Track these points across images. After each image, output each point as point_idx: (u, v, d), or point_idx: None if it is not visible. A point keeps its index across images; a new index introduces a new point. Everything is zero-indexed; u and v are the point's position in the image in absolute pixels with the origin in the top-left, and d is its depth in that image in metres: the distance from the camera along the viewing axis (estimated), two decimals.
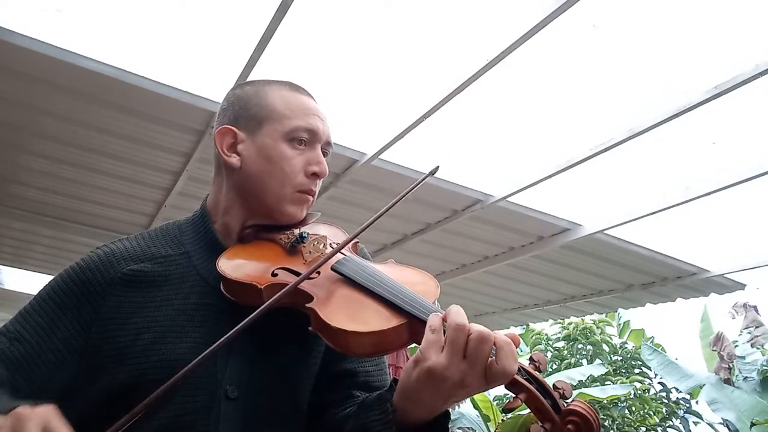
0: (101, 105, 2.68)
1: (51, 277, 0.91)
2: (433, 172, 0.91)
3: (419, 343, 0.76)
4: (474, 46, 2.35)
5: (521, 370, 0.70)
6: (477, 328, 0.70)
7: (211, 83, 2.61)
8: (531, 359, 0.73)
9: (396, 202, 0.89)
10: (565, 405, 0.69)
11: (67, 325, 0.84)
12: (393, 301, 0.76)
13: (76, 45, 2.38)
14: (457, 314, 0.71)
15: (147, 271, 0.89)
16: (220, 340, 0.73)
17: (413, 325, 0.74)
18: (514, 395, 0.71)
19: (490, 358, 0.69)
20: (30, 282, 5.71)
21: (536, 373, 0.71)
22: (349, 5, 2.32)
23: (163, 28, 2.37)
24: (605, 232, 3.61)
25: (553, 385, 0.70)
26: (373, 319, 0.75)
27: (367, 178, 3.21)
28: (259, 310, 0.75)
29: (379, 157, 3.02)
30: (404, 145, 2.92)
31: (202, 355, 0.72)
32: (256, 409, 0.84)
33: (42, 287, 0.89)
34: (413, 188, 0.89)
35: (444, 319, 0.71)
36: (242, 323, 0.74)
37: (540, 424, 0.69)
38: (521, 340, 0.75)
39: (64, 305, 0.85)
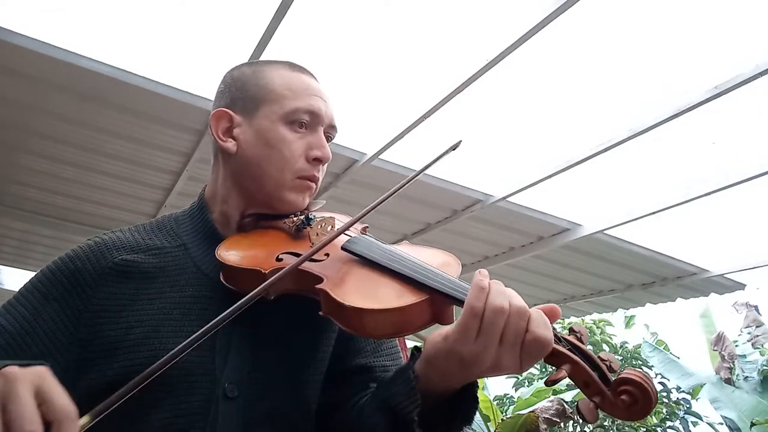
0: (101, 105, 2.68)
1: None
2: (455, 147, 0.86)
3: (442, 322, 0.70)
4: (474, 46, 2.35)
5: (562, 339, 0.65)
6: (515, 305, 0.65)
7: (211, 83, 2.59)
8: (571, 329, 0.67)
9: (415, 177, 0.86)
10: (614, 376, 0.63)
11: (53, 317, 0.78)
12: (412, 276, 0.69)
13: (76, 45, 2.37)
14: (500, 294, 0.65)
15: (140, 262, 0.83)
16: (216, 319, 0.66)
17: (436, 301, 0.68)
18: (556, 367, 0.64)
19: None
20: None
21: (579, 344, 0.65)
22: (349, 5, 2.32)
23: (163, 28, 2.37)
24: (605, 232, 3.61)
25: (599, 356, 0.64)
26: (390, 296, 0.68)
27: (367, 178, 3.21)
28: (260, 287, 0.68)
29: (379, 157, 3.02)
30: (404, 145, 2.92)
31: (195, 335, 0.64)
32: (257, 409, 0.78)
33: (30, 278, 0.83)
34: (435, 161, 0.86)
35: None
36: (241, 301, 0.67)
37: (588, 398, 0.63)
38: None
39: (50, 296, 0.80)
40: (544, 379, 0.66)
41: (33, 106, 2.70)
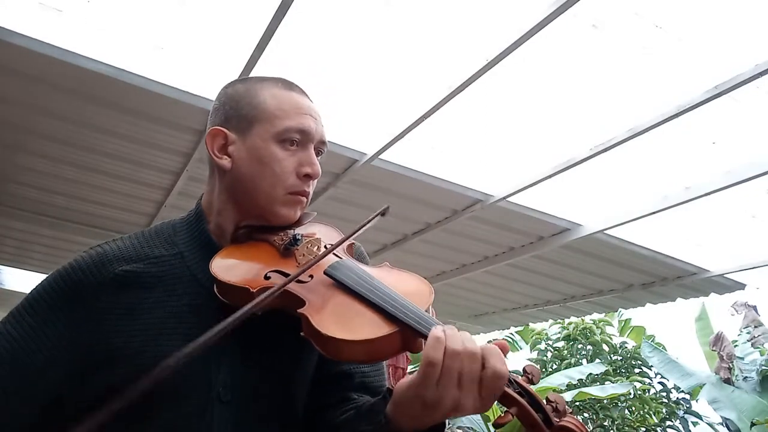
0: (101, 105, 2.68)
1: None
2: (383, 213, 0.93)
3: (411, 351, 0.76)
4: (474, 46, 2.34)
5: (513, 382, 0.70)
6: (468, 348, 0.69)
7: (211, 83, 2.61)
8: (524, 371, 0.72)
9: (354, 233, 0.90)
10: (558, 420, 0.68)
11: (57, 325, 0.82)
12: (385, 309, 0.75)
13: (76, 45, 2.37)
14: (454, 340, 0.70)
15: (139, 272, 0.87)
16: (207, 334, 0.68)
17: (405, 334, 0.74)
18: (506, 409, 0.70)
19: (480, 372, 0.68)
20: (30, 282, 5.71)
21: (528, 386, 0.70)
22: (349, 5, 2.31)
23: (163, 27, 2.37)
24: (605, 232, 3.61)
25: (546, 398, 0.70)
26: (364, 327, 0.74)
27: (367, 178, 3.21)
28: (244, 308, 0.72)
29: (379, 157, 3.02)
30: (404, 145, 2.92)
31: (190, 346, 0.67)
32: (249, 412, 0.82)
33: (34, 287, 0.87)
34: (367, 224, 0.91)
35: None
36: (229, 319, 0.70)
37: None
38: (514, 343, 0.75)
39: (55, 306, 0.84)
40: (492, 422, 0.73)
41: (33, 106, 2.70)
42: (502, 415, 0.70)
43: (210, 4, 2.29)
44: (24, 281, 6.07)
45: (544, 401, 0.69)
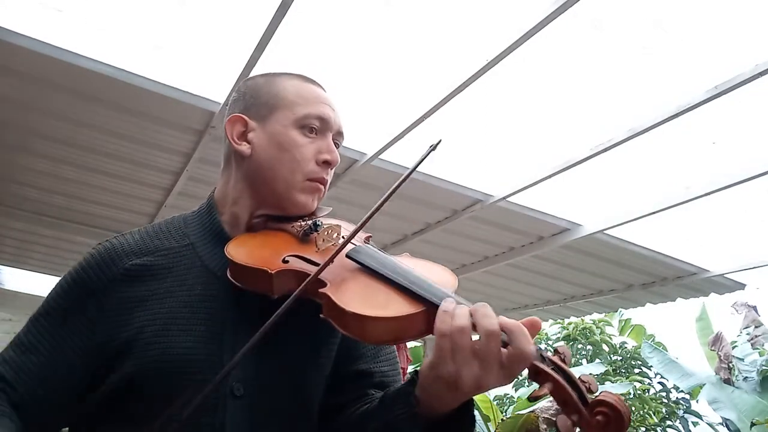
0: (101, 105, 2.68)
1: (51, 277, 0.90)
2: (434, 147, 0.92)
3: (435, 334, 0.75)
4: (474, 46, 2.35)
5: (546, 359, 0.69)
6: (483, 325, 0.68)
7: (211, 83, 2.61)
8: (556, 351, 0.71)
9: (405, 179, 0.88)
10: (592, 397, 0.67)
11: (74, 330, 0.83)
12: (410, 288, 0.74)
13: (76, 45, 2.37)
14: (461, 317, 0.69)
15: (150, 264, 0.87)
16: (254, 338, 0.73)
17: (431, 313, 0.72)
18: (539, 385, 0.69)
19: (503, 349, 0.67)
20: (30, 282, 5.71)
21: (562, 364, 0.69)
22: (349, 5, 2.32)
23: (163, 28, 2.37)
24: (605, 232, 3.61)
25: (579, 378, 0.69)
26: (390, 305, 0.73)
27: (367, 178, 3.21)
28: (283, 307, 0.73)
29: (379, 157, 3.02)
30: (404, 145, 2.92)
31: (235, 359, 0.73)
32: (262, 407, 0.82)
33: (49, 292, 0.88)
34: (419, 163, 0.90)
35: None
36: (271, 319, 0.73)
37: (567, 416, 0.67)
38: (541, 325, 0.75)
39: (70, 309, 0.85)
40: (527, 396, 0.72)
41: (33, 106, 2.70)
42: (537, 390, 0.69)
43: (210, 4, 2.29)
44: (24, 281, 6.06)
45: (578, 379, 0.68)
